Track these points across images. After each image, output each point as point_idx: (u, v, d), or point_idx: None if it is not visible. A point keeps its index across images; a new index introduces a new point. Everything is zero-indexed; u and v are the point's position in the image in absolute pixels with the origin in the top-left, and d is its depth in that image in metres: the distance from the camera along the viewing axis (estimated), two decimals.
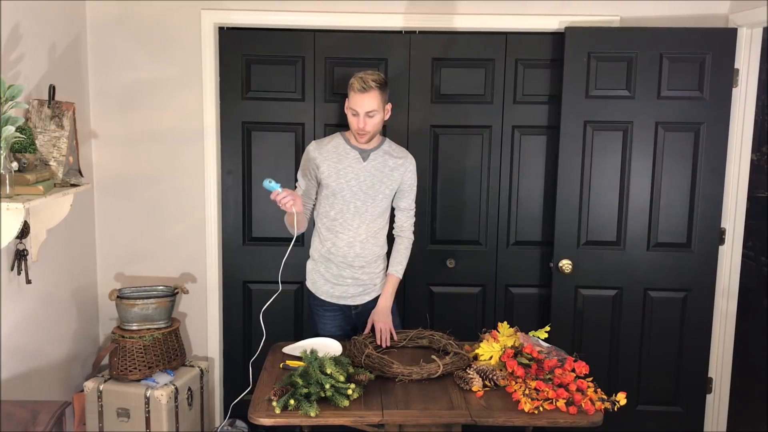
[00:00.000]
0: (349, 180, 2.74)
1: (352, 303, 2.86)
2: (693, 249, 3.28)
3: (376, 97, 2.63)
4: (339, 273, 2.81)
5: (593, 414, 2.21)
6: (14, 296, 2.65)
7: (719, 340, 3.37)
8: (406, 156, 2.85)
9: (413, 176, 2.86)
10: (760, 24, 3.05)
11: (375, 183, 2.76)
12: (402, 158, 2.82)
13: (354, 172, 2.74)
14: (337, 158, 2.75)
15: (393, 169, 2.79)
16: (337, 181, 2.74)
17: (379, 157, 2.78)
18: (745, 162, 3.26)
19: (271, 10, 3.23)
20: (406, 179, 2.83)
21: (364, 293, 2.86)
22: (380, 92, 2.64)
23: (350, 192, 2.74)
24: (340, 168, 2.74)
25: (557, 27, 3.23)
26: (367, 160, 2.76)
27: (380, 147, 2.80)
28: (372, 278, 2.85)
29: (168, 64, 3.27)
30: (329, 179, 2.74)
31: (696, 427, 3.42)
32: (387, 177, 2.78)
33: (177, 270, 3.43)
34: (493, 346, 2.54)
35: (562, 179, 3.25)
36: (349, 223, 2.76)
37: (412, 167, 2.85)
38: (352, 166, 2.74)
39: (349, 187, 2.74)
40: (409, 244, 2.92)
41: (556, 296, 3.33)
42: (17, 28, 2.60)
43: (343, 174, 2.74)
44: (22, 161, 2.41)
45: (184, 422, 3.17)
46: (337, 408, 2.21)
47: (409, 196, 2.88)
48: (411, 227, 2.92)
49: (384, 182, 2.78)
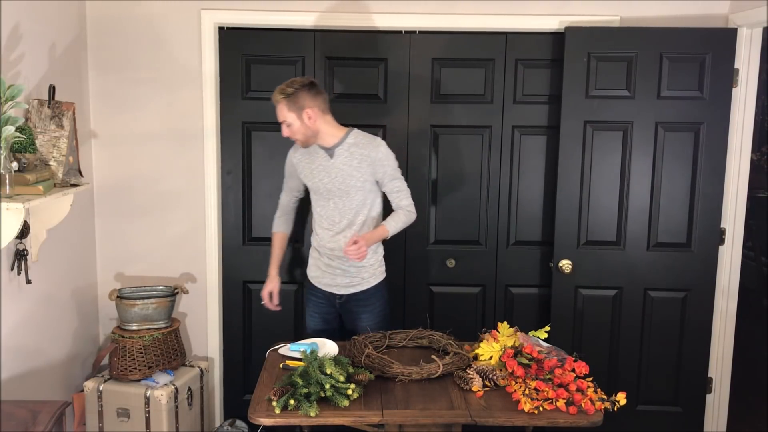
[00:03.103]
0: (322, 178, 2.83)
1: (338, 292, 2.94)
2: (693, 249, 3.28)
3: (282, 108, 2.75)
4: (329, 263, 2.92)
5: (593, 414, 2.21)
6: (14, 296, 2.65)
7: (719, 340, 3.37)
8: (370, 144, 2.81)
9: (386, 163, 2.81)
10: (760, 24, 3.05)
11: (345, 178, 2.79)
12: (368, 149, 2.80)
13: (325, 170, 2.82)
14: (310, 159, 2.87)
15: (360, 161, 2.79)
16: (312, 181, 2.87)
17: (345, 151, 2.80)
18: (745, 162, 3.26)
19: (271, 10, 3.23)
20: (377, 169, 2.81)
21: (351, 285, 2.92)
22: (287, 102, 2.72)
23: (325, 190, 2.84)
24: (313, 168, 2.85)
25: (557, 27, 3.23)
26: (334, 157, 2.80)
27: (345, 141, 2.81)
28: (360, 271, 2.90)
29: (168, 64, 3.27)
30: (306, 179, 2.92)
31: (696, 427, 3.42)
32: (356, 170, 2.79)
33: (177, 270, 3.43)
34: (493, 346, 2.54)
35: (562, 179, 3.25)
36: (331, 218, 2.87)
37: (380, 154, 2.80)
38: (322, 165, 2.83)
39: (324, 185, 2.84)
40: (408, 215, 2.86)
41: (556, 296, 3.33)
42: (17, 28, 2.60)
43: (316, 173, 2.85)
44: (22, 161, 2.41)
45: (184, 422, 3.17)
46: (337, 408, 2.21)
47: (392, 179, 2.84)
48: (409, 204, 2.87)
49: (354, 176, 2.79)
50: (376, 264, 2.94)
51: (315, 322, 3.04)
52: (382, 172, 2.82)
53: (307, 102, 2.73)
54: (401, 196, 2.86)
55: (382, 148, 2.82)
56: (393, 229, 2.83)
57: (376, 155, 2.80)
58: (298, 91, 2.72)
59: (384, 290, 2.99)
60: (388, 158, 2.82)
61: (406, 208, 2.87)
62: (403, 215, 2.86)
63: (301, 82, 2.75)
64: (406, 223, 2.87)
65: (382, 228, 2.82)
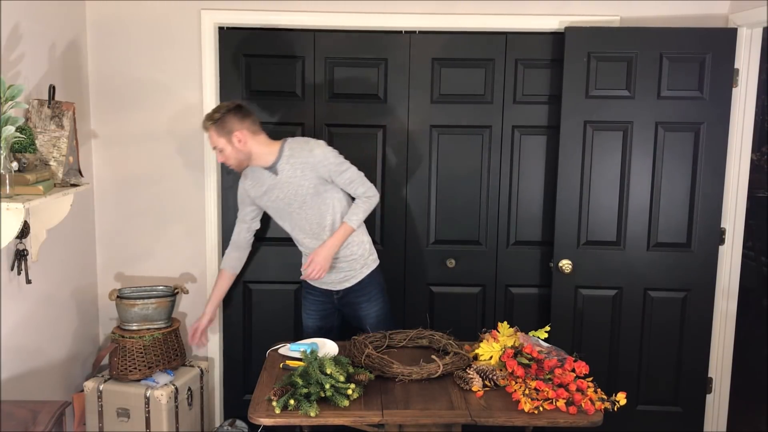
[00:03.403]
0: (276, 196, 2.86)
1: (334, 288, 2.97)
2: (693, 249, 3.28)
3: (212, 135, 2.79)
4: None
5: (593, 414, 2.21)
6: (14, 296, 2.65)
7: (719, 340, 3.37)
8: (304, 150, 2.80)
9: (326, 162, 2.79)
10: (760, 24, 3.05)
11: (297, 189, 2.81)
12: (303, 155, 2.79)
13: (275, 188, 2.84)
14: (258, 183, 2.89)
15: (303, 170, 2.79)
16: (267, 203, 2.91)
17: (286, 165, 2.81)
18: (745, 162, 3.26)
19: (271, 9, 3.23)
20: (321, 171, 2.79)
21: (345, 280, 2.95)
22: (215, 128, 2.75)
23: (284, 204, 2.87)
24: (263, 191, 2.88)
25: (557, 27, 3.23)
26: (279, 173, 2.82)
27: (282, 155, 2.81)
28: (351, 264, 2.92)
29: (168, 64, 3.27)
30: (261, 203, 2.95)
31: (696, 427, 3.42)
32: (302, 179, 2.80)
33: (177, 270, 3.43)
34: (493, 346, 2.54)
35: (562, 179, 3.25)
36: (301, 228, 2.91)
37: (316, 157, 2.78)
38: (271, 184, 2.85)
39: (279, 200, 2.86)
40: (367, 201, 2.84)
41: (556, 296, 3.33)
42: (17, 28, 2.60)
43: (267, 195, 2.87)
44: (22, 161, 2.41)
45: (184, 422, 3.17)
46: (337, 408, 2.21)
47: (339, 173, 2.81)
48: (365, 191, 2.84)
49: (303, 185, 2.80)
50: (365, 254, 2.95)
51: (313, 320, 3.06)
52: (326, 172, 2.80)
53: (235, 125, 2.75)
54: (355, 186, 2.84)
55: (316, 150, 2.80)
56: (356, 221, 2.83)
57: (313, 160, 2.79)
58: (225, 116, 2.74)
59: (379, 276, 3.01)
60: (326, 157, 2.80)
61: (364, 195, 2.84)
62: (362, 203, 2.84)
63: (227, 106, 2.78)
64: (368, 210, 2.86)
65: (344, 226, 2.82)
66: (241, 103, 2.85)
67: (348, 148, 3.06)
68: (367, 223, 3.09)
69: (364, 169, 2.97)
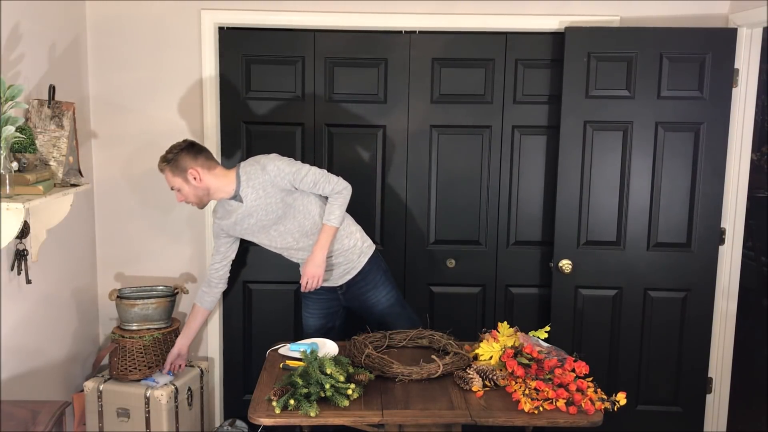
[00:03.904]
0: (249, 226, 2.86)
1: (336, 284, 2.97)
2: (693, 249, 3.28)
3: (168, 175, 2.77)
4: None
5: (593, 414, 2.21)
6: (14, 296, 2.65)
7: (719, 340, 3.37)
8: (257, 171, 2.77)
9: (282, 174, 2.75)
10: (760, 24, 3.05)
11: (266, 211, 2.81)
12: (260, 175, 2.76)
13: (246, 216, 2.82)
14: (228, 215, 2.87)
15: (264, 189, 2.77)
16: (243, 232, 2.91)
17: (248, 189, 2.78)
18: (745, 162, 3.26)
19: (271, 10, 3.23)
20: (281, 183, 2.76)
21: (345, 273, 2.94)
22: (170, 168, 2.75)
23: (258, 227, 2.86)
24: (236, 221, 2.86)
25: (557, 27, 3.23)
26: (244, 200, 2.80)
27: (240, 182, 2.79)
28: (347, 257, 2.92)
29: (168, 64, 3.27)
30: (235, 233, 2.92)
31: (696, 427, 3.42)
32: (267, 198, 2.78)
33: (177, 270, 3.43)
34: (493, 346, 2.54)
35: (562, 179, 3.25)
36: (285, 242, 2.90)
37: (270, 174, 2.75)
38: (240, 213, 2.83)
39: (252, 225, 2.85)
40: (338, 197, 2.81)
41: (556, 296, 3.33)
42: (17, 28, 2.60)
43: (240, 224, 2.86)
44: (22, 161, 2.41)
45: (184, 422, 3.17)
46: (337, 408, 2.21)
47: (300, 180, 2.77)
48: (333, 187, 2.80)
49: (270, 203, 2.79)
50: (358, 243, 2.94)
51: (315, 318, 3.04)
52: (287, 182, 2.77)
53: (188, 163, 2.74)
54: (321, 185, 2.80)
55: (268, 167, 2.77)
56: (335, 220, 2.80)
57: (267, 177, 2.76)
58: (178, 155, 2.74)
59: (380, 261, 3.01)
60: (280, 170, 2.76)
61: (333, 192, 2.80)
62: (335, 200, 2.81)
63: (179, 146, 2.77)
64: (343, 204, 2.83)
65: (326, 228, 2.80)
66: (193, 141, 2.83)
67: (348, 148, 3.06)
68: (366, 223, 3.10)
69: (365, 169, 2.98)
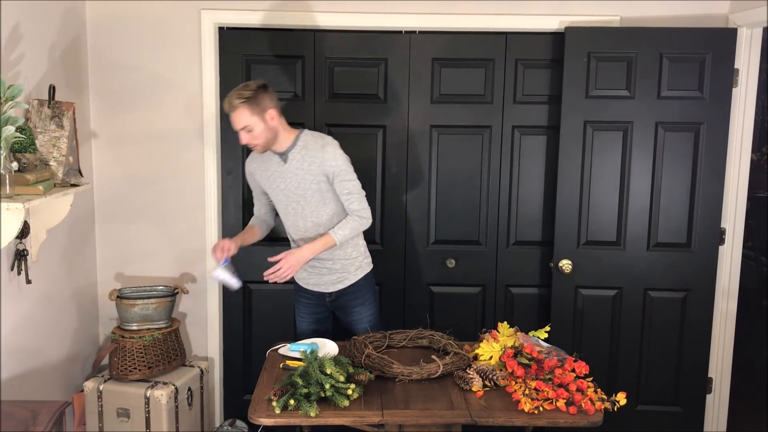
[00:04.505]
0: (279, 185, 2.82)
1: (326, 290, 2.93)
2: (693, 249, 3.28)
3: (244, 113, 2.65)
4: (313, 264, 2.89)
5: (593, 414, 2.21)
6: (14, 296, 2.65)
7: (719, 340, 3.37)
8: (317, 144, 2.76)
9: (334, 162, 2.73)
10: (760, 24, 3.05)
11: (300, 182, 2.77)
12: (317, 150, 2.75)
13: (281, 176, 2.80)
14: (265, 166, 2.84)
15: (311, 164, 2.75)
16: (270, 188, 2.86)
17: (297, 155, 2.77)
18: (745, 162, 3.26)
19: (271, 10, 3.23)
20: (327, 168, 2.74)
21: (338, 282, 2.91)
22: (248, 106, 2.64)
23: (283, 196, 2.82)
24: (269, 175, 2.83)
25: (557, 27, 3.23)
26: (288, 161, 2.78)
27: (296, 144, 2.77)
28: (345, 266, 2.89)
29: (168, 64, 3.27)
30: (265, 187, 2.90)
31: (696, 427, 3.42)
32: (308, 173, 2.76)
33: (177, 270, 3.43)
34: (493, 346, 2.54)
35: (562, 179, 3.25)
36: (295, 225, 2.86)
37: (328, 155, 2.73)
38: (277, 171, 2.80)
39: (281, 191, 2.82)
40: (358, 221, 2.78)
41: (556, 296, 3.33)
42: (17, 28, 2.60)
43: (273, 180, 2.83)
44: (22, 161, 2.41)
45: (184, 422, 3.17)
46: (337, 408, 2.21)
47: (341, 180, 2.75)
48: (359, 208, 2.78)
49: (307, 179, 2.76)
50: (360, 257, 2.93)
51: (306, 323, 3.02)
52: (332, 173, 2.75)
53: (268, 103, 2.69)
54: (352, 199, 2.78)
55: (329, 147, 2.75)
56: (340, 237, 2.75)
57: (323, 155, 2.74)
58: (258, 93, 2.66)
59: (372, 280, 2.99)
60: (335, 158, 2.74)
61: (357, 213, 2.78)
62: (353, 222, 2.78)
63: (255, 84, 2.70)
64: (356, 229, 2.78)
65: (327, 236, 2.75)
66: (266, 82, 2.75)
67: (348, 148, 3.04)
68: None
69: (364, 169, 2.97)
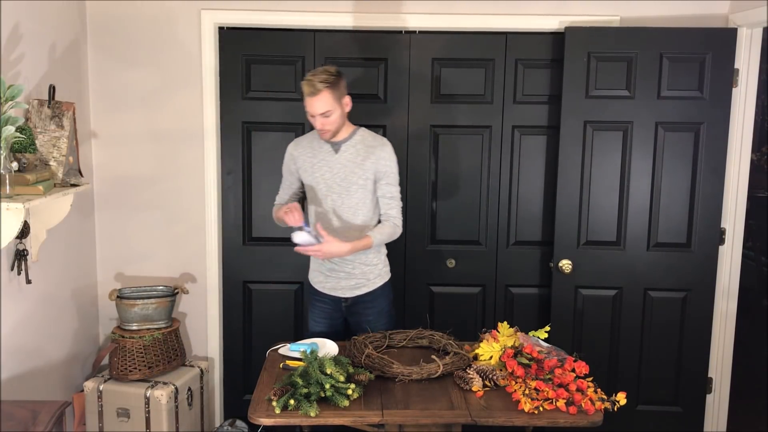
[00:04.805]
0: (324, 173, 2.78)
1: (343, 295, 2.89)
2: (693, 249, 3.28)
3: (326, 98, 2.64)
4: (332, 267, 2.86)
5: (593, 414, 2.21)
6: (14, 296, 2.65)
7: (719, 340, 3.37)
8: (378, 144, 2.78)
9: (389, 163, 2.77)
10: (760, 24, 3.05)
11: (348, 174, 2.75)
12: (374, 146, 2.77)
13: (327, 165, 2.77)
14: (312, 153, 2.81)
15: (365, 159, 2.75)
16: (312, 175, 2.81)
17: (351, 148, 2.76)
18: (745, 162, 3.26)
19: (271, 10, 3.23)
20: (380, 167, 2.76)
21: (356, 287, 2.87)
22: (331, 91, 2.63)
23: (325, 186, 2.78)
24: (315, 162, 2.79)
25: (557, 27, 3.23)
26: (339, 152, 2.77)
27: (352, 137, 2.78)
28: (365, 272, 2.86)
29: (168, 64, 3.27)
30: (305, 173, 2.83)
31: (696, 427, 3.42)
32: (359, 167, 2.75)
33: (177, 270, 3.43)
34: (493, 346, 2.54)
35: (562, 179, 3.25)
36: (329, 217, 2.80)
37: (385, 154, 2.77)
38: (325, 160, 2.78)
39: (324, 180, 2.78)
40: (394, 228, 2.79)
41: (556, 296, 3.33)
42: (17, 28, 2.60)
43: (317, 168, 2.79)
44: (22, 161, 2.41)
45: (184, 422, 3.17)
46: (337, 408, 2.21)
47: (389, 183, 2.79)
48: (397, 216, 2.81)
49: (356, 173, 2.75)
50: (380, 264, 2.91)
51: (320, 327, 2.96)
52: (383, 172, 2.77)
53: (344, 89, 2.70)
54: (392, 205, 2.80)
55: (387, 147, 2.79)
56: (377, 240, 2.75)
57: (381, 153, 2.76)
58: (338, 79, 2.67)
59: (389, 290, 2.96)
60: (391, 159, 2.78)
61: (393, 219, 2.79)
62: (389, 228, 2.78)
63: (335, 69, 2.68)
64: (391, 236, 2.80)
65: (367, 239, 2.74)
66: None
67: None
68: None
69: None
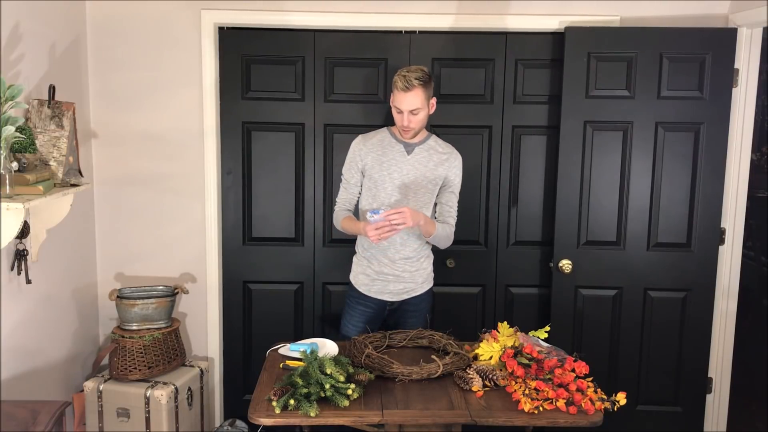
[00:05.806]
0: (392, 172, 2.77)
1: (389, 299, 2.88)
2: (693, 249, 3.28)
3: (419, 95, 2.64)
4: (380, 270, 2.84)
5: (593, 414, 2.21)
6: (14, 296, 2.65)
7: (719, 340, 3.37)
8: (451, 152, 2.84)
9: (458, 173, 2.84)
10: (760, 24, 3.05)
11: (418, 177, 2.77)
12: (449, 154, 2.82)
13: (397, 165, 2.77)
14: (382, 151, 2.80)
15: (438, 164, 2.79)
16: (380, 173, 2.78)
17: (424, 151, 2.79)
18: (745, 162, 3.26)
19: (271, 10, 3.23)
20: (450, 175, 2.82)
21: (403, 292, 2.87)
22: (424, 89, 2.65)
23: (392, 184, 2.77)
24: (384, 160, 2.78)
25: (557, 27, 3.23)
26: (412, 154, 2.78)
27: (426, 142, 2.81)
28: (413, 276, 2.86)
29: (168, 64, 3.27)
30: (373, 171, 2.79)
31: (696, 427, 3.42)
32: (431, 171, 2.78)
33: (177, 270, 3.43)
34: (493, 346, 2.54)
35: (562, 179, 3.25)
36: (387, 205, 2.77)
37: (457, 163, 2.83)
38: (396, 159, 2.78)
39: (391, 179, 2.77)
40: (450, 232, 2.83)
41: (556, 296, 3.33)
42: (17, 28, 2.60)
43: (386, 166, 2.78)
44: (22, 161, 2.41)
45: (184, 422, 3.17)
46: (337, 408, 2.21)
47: (453, 193, 2.85)
48: (453, 226, 2.85)
49: (427, 176, 2.78)
50: (429, 268, 2.93)
51: (357, 331, 2.89)
52: (450, 180, 2.82)
53: (432, 91, 2.73)
54: (452, 213, 2.86)
55: (460, 158, 2.86)
56: (438, 230, 2.75)
57: (453, 161, 2.82)
58: (431, 79, 2.70)
59: (432, 298, 2.99)
60: (460, 170, 2.85)
61: (449, 224, 2.85)
62: (449, 229, 2.82)
63: (426, 70, 2.70)
64: (446, 239, 2.82)
65: (436, 223, 2.76)
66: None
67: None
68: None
69: None
